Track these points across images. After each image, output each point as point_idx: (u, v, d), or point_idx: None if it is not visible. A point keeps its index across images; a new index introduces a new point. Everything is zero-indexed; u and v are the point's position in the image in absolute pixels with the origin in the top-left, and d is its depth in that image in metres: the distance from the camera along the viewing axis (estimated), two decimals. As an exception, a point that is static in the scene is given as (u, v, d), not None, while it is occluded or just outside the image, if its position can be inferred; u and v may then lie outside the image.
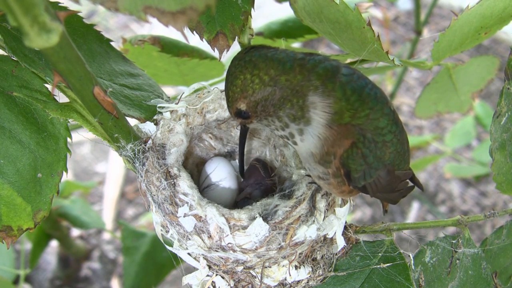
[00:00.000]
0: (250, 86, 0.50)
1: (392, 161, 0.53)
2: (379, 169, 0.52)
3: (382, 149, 0.51)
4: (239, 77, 0.50)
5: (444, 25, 2.35)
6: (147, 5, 0.36)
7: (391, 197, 0.60)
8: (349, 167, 0.51)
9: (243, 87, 0.50)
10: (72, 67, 0.43)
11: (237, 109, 0.52)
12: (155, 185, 0.57)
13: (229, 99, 0.52)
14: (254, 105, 0.51)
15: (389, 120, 0.51)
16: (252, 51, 0.51)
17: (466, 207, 1.86)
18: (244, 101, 0.51)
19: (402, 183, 0.58)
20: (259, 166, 0.66)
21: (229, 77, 0.52)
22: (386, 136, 0.51)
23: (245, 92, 0.50)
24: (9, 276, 1.12)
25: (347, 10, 0.55)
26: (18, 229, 0.56)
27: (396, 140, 0.52)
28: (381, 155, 0.51)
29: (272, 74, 0.49)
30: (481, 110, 1.72)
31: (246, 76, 0.50)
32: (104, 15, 2.50)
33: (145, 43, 0.77)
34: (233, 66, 0.51)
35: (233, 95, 0.51)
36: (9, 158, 0.56)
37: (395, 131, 0.52)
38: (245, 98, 0.51)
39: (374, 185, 0.53)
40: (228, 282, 0.59)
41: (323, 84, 0.49)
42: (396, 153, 0.53)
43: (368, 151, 0.50)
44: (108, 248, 1.67)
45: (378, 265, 0.60)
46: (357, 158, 0.50)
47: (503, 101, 0.61)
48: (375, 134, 0.50)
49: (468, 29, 0.65)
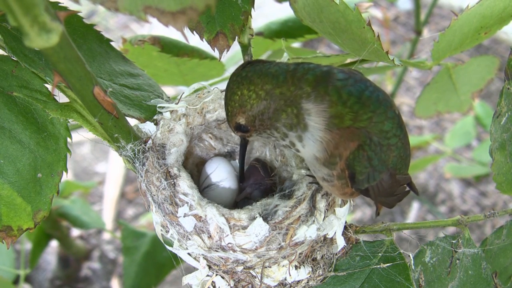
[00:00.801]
0: (248, 102, 0.52)
1: (394, 165, 0.53)
2: (383, 172, 0.52)
3: (386, 152, 0.51)
4: (236, 93, 0.52)
5: (444, 25, 2.35)
6: (147, 5, 0.36)
7: (388, 201, 0.60)
8: (354, 169, 0.51)
9: (241, 102, 0.52)
10: (72, 67, 0.43)
11: (236, 123, 0.54)
12: (155, 185, 0.57)
13: (228, 114, 0.54)
14: (252, 120, 0.53)
15: (394, 124, 0.51)
16: (248, 67, 0.53)
17: (466, 207, 1.86)
18: (243, 115, 0.53)
19: (401, 187, 0.59)
20: (258, 166, 0.66)
21: (228, 93, 0.54)
22: (391, 139, 0.51)
23: (244, 107, 0.52)
24: (9, 276, 1.12)
25: (347, 10, 0.55)
26: (18, 229, 0.56)
27: (401, 144, 0.52)
28: (386, 159, 0.52)
29: (267, 88, 0.51)
30: (481, 110, 1.72)
31: (243, 92, 0.52)
32: (104, 15, 2.50)
33: (145, 43, 0.77)
34: (231, 82, 0.53)
35: (232, 110, 0.54)
36: (9, 158, 0.56)
37: (400, 135, 0.52)
38: (243, 113, 0.53)
39: (377, 188, 0.54)
40: (228, 282, 0.59)
41: (314, 90, 0.50)
42: (399, 157, 0.53)
43: (373, 154, 0.50)
44: (108, 248, 1.67)
45: (378, 265, 0.60)
46: (362, 160, 0.50)
47: (503, 101, 0.61)
48: (380, 137, 0.50)
49: (468, 29, 0.65)
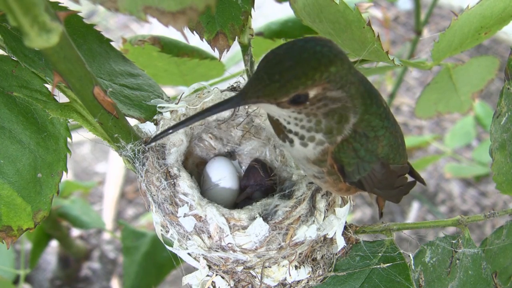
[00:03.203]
0: (337, 81, 0.44)
1: (386, 154, 0.53)
2: (373, 163, 0.52)
3: (374, 142, 0.51)
4: (335, 63, 0.43)
5: (444, 25, 2.35)
6: (147, 5, 0.36)
7: (392, 194, 0.60)
8: (342, 161, 0.50)
9: (332, 77, 0.43)
10: (72, 67, 0.43)
11: (305, 94, 0.44)
12: (155, 185, 0.57)
13: (307, 77, 0.43)
14: (320, 98, 0.45)
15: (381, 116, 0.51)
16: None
17: (466, 207, 1.86)
18: (323, 89, 0.44)
19: (400, 178, 0.58)
20: (258, 167, 0.66)
21: (321, 58, 0.43)
22: (378, 131, 0.51)
23: (331, 83, 0.44)
24: (9, 276, 1.12)
25: (347, 10, 0.55)
26: (18, 229, 0.56)
27: (389, 134, 0.52)
28: (373, 149, 0.51)
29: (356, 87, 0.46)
30: (481, 110, 1.72)
31: (344, 66, 0.44)
32: (104, 15, 2.50)
33: (145, 43, 0.77)
34: (326, 46, 0.44)
35: (318, 77, 0.43)
36: (9, 158, 0.56)
37: (387, 126, 0.52)
38: (325, 88, 0.44)
39: (370, 179, 0.53)
40: (228, 282, 0.59)
41: None
42: (389, 146, 0.53)
43: (359, 145, 0.50)
44: (108, 248, 1.67)
45: (378, 265, 0.60)
46: (348, 151, 0.50)
47: (503, 101, 0.61)
48: (366, 129, 0.50)
49: (468, 29, 0.65)
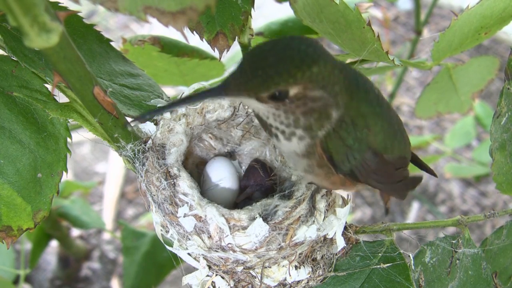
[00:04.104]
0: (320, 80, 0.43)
1: (381, 141, 0.51)
2: (363, 151, 0.50)
3: (363, 131, 0.49)
4: (318, 64, 0.43)
5: (444, 25, 2.35)
6: (147, 5, 0.36)
7: (393, 189, 0.58)
8: (330, 151, 0.49)
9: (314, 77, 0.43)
10: (72, 67, 0.43)
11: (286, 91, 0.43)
12: (155, 185, 0.57)
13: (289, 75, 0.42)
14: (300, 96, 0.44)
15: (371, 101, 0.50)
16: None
17: (466, 207, 1.86)
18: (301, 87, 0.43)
19: (400, 171, 0.56)
20: (258, 167, 0.66)
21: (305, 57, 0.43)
22: (368, 118, 0.50)
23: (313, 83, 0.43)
24: (9, 276, 1.12)
25: (347, 10, 0.55)
26: (18, 229, 0.56)
27: (381, 120, 0.51)
28: (363, 137, 0.49)
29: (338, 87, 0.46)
30: (481, 110, 1.72)
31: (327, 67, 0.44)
32: (104, 15, 2.50)
33: (145, 43, 0.77)
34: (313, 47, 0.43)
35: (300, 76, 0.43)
36: (9, 158, 0.56)
37: (379, 112, 0.51)
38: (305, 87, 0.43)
39: (362, 168, 0.51)
40: (228, 282, 0.59)
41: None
42: (384, 133, 0.51)
43: (346, 133, 0.48)
44: (108, 248, 1.67)
45: (378, 265, 0.60)
46: (335, 139, 0.48)
47: (503, 101, 0.61)
48: (355, 117, 0.49)
49: (468, 29, 0.65)
